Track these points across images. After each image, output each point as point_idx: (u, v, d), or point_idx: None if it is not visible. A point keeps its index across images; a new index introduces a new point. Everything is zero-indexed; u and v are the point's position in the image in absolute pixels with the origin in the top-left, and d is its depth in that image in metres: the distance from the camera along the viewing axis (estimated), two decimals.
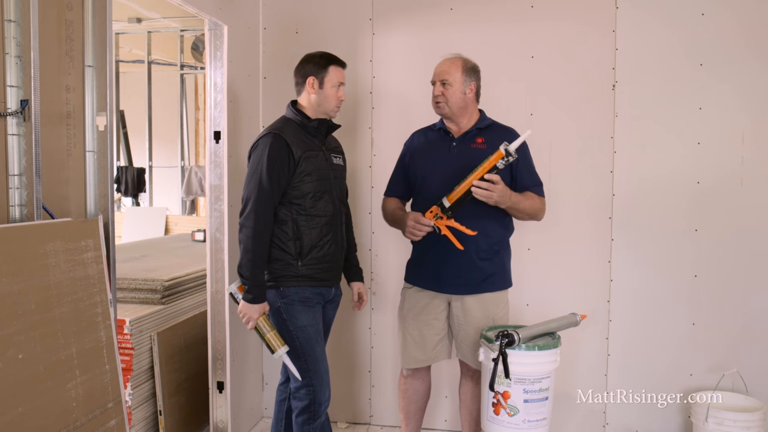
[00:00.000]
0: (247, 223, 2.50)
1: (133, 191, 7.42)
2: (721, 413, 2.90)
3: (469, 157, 2.73)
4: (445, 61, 2.80)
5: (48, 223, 1.99)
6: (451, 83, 2.73)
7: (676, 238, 3.29)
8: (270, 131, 2.54)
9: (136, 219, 7.43)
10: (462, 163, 2.72)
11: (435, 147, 2.85)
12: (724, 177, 3.24)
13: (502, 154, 2.49)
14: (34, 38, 1.96)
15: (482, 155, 2.67)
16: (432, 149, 2.86)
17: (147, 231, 7.24)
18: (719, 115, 3.22)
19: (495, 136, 2.78)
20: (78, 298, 2.05)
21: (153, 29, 7.00)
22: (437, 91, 2.76)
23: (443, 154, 2.81)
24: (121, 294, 3.26)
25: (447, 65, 2.78)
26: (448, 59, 2.80)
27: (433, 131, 2.91)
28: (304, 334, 2.56)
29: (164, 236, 6.43)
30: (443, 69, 2.77)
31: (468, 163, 2.70)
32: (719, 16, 3.19)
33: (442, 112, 2.80)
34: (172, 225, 7.44)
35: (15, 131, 1.95)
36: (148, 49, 7.19)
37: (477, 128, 2.81)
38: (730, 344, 3.26)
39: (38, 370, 1.86)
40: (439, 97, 2.75)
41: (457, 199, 2.59)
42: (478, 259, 2.75)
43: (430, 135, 2.92)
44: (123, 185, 7.41)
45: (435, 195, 2.71)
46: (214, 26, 3.14)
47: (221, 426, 3.26)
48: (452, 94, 2.74)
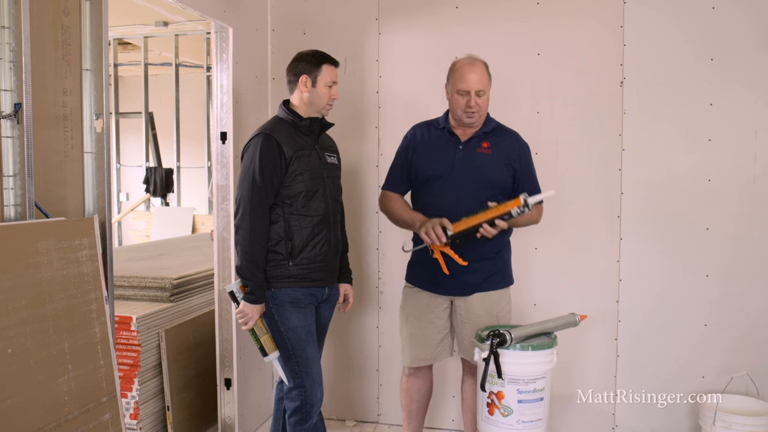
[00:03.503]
0: (243, 225, 2.52)
1: (162, 191, 7.56)
2: (729, 417, 2.83)
3: (474, 163, 2.70)
4: (474, 68, 2.68)
5: (40, 222, 2.06)
6: (485, 92, 2.68)
7: (686, 237, 3.22)
8: (261, 131, 2.56)
9: (164, 218, 7.58)
10: (467, 168, 2.70)
11: (440, 148, 2.79)
12: (736, 174, 3.16)
13: (520, 203, 2.48)
14: (26, 43, 2.02)
15: (487, 161, 2.68)
16: (437, 149, 2.80)
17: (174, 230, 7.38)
18: (731, 111, 3.14)
19: (500, 141, 2.76)
20: (71, 295, 2.11)
21: (180, 32, 7.11)
22: (473, 102, 2.65)
23: (448, 156, 2.75)
24: (131, 292, 3.34)
25: (479, 73, 2.67)
26: (475, 66, 2.68)
27: (437, 129, 2.83)
28: (294, 335, 2.57)
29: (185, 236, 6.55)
30: (477, 78, 2.65)
31: (472, 168, 2.69)
32: (730, 9, 3.11)
33: (473, 121, 2.71)
34: (198, 224, 7.57)
35: (9, 134, 2.01)
36: (175, 52, 7.32)
37: (483, 132, 2.76)
38: (744, 346, 3.18)
39: (28, 365, 1.92)
40: (475, 107, 2.66)
41: (462, 230, 2.54)
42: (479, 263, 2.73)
43: (434, 132, 2.83)
44: (152, 185, 7.55)
45: (435, 199, 2.70)
46: (220, 29, 3.19)
47: (229, 422, 3.31)
48: (485, 103, 2.70)
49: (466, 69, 2.68)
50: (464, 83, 2.66)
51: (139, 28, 6.98)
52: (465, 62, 2.71)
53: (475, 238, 2.56)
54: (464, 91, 2.66)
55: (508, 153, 2.76)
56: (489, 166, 2.73)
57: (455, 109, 2.72)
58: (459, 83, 2.67)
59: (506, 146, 2.77)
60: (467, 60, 2.72)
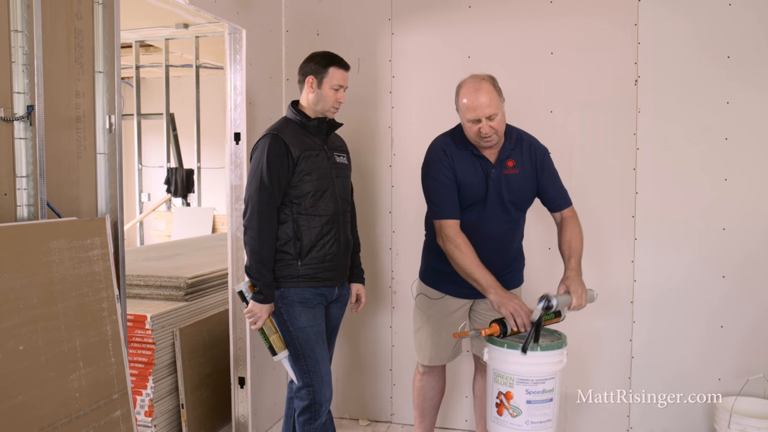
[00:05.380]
0: (251, 225, 2.54)
1: (183, 192, 7.65)
2: (744, 420, 2.79)
3: (506, 185, 2.64)
4: (479, 92, 2.49)
5: (52, 222, 2.10)
6: (497, 113, 2.49)
7: (702, 238, 3.18)
8: (268, 132, 2.58)
9: (184, 218, 7.68)
10: (499, 190, 2.64)
11: (474, 171, 2.63)
12: (753, 174, 3.11)
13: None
14: (38, 47, 2.06)
15: (517, 180, 2.64)
16: (472, 174, 2.63)
17: (195, 230, 7.48)
18: (748, 109, 3.09)
19: (522, 156, 2.68)
20: (83, 293, 2.15)
21: (200, 34, 7.19)
22: (486, 129, 2.48)
23: (483, 181, 2.63)
24: (147, 291, 3.39)
25: (486, 96, 2.48)
26: (480, 90, 2.49)
27: (465, 150, 2.64)
28: (304, 335, 2.59)
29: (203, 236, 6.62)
30: (484, 102, 2.46)
31: (504, 190, 2.63)
32: (747, 5, 3.06)
33: (491, 144, 2.56)
34: (219, 224, 7.65)
35: (22, 135, 2.06)
36: (195, 54, 7.39)
37: (509, 149, 2.65)
38: (761, 348, 3.12)
39: (40, 362, 1.96)
40: (490, 132, 2.50)
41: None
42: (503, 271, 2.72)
43: (464, 155, 2.64)
44: (173, 186, 7.65)
45: (472, 222, 2.63)
46: (233, 30, 3.22)
47: (242, 421, 3.34)
48: (499, 123, 2.52)
49: (472, 96, 2.49)
50: (472, 112, 2.49)
51: (160, 30, 7.06)
52: (469, 87, 2.52)
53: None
54: (474, 120, 2.50)
55: (531, 166, 2.69)
56: (519, 186, 2.67)
57: (470, 135, 2.58)
58: (467, 113, 2.51)
59: (529, 160, 2.69)
60: (472, 84, 2.52)
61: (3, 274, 1.88)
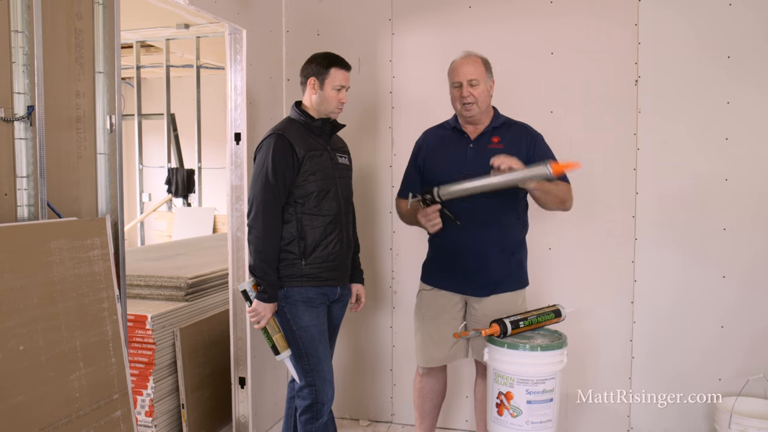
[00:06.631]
0: (256, 224, 2.55)
1: (183, 192, 7.64)
2: (745, 420, 2.79)
3: (485, 159, 2.67)
4: (467, 60, 2.72)
5: (52, 222, 2.10)
6: (479, 83, 2.68)
7: (703, 238, 3.18)
8: (273, 132, 2.59)
9: (185, 219, 7.68)
10: (478, 164, 2.69)
11: (450, 148, 2.81)
12: (753, 174, 3.10)
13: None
14: (38, 47, 2.06)
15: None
16: (447, 150, 2.81)
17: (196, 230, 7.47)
18: (748, 109, 3.09)
19: (511, 135, 2.75)
20: (83, 293, 2.15)
21: (201, 34, 7.18)
22: (467, 92, 2.67)
23: (459, 155, 2.77)
24: (147, 291, 3.39)
25: (471, 65, 2.70)
26: (468, 59, 2.72)
27: (447, 130, 2.85)
28: (306, 334, 2.59)
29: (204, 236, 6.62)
30: (468, 69, 2.68)
31: (485, 164, 2.68)
32: (747, 6, 3.06)
33: (472, 113, 2.70)
34: (219, 225, 7.65)
35: (23, 135, 2.06)
36: (196, 54, 7.39)
37: (492, 127, 2.77)
38: (761, 348, 3.12)
39: (40, 362, 1.96)
40: (469, 98, 2.67)
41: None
42: (495, 259, 2.73)
43: (444, 134, 2.86)
44: (173, 186, 7.64)
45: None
46: (234, 31, 3.23)
47: (243, 421, 3.34)
48: (481, 94, 2.68)
49: (459, 62, 2.73)
50: (456, 75, 2.71)
51: (161, 30, 7.05)
52: (459, 58, 2.75)
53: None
54: (457, 83, 2.70)
55: (520, 145, 2.73)
56: None
57: (454, 103, 2.76)
58: (452, 76, 2.73)
59: (517, 138, 2.75)
60: (462, 55, 2.76)
61: (3, 274, 1.88)
